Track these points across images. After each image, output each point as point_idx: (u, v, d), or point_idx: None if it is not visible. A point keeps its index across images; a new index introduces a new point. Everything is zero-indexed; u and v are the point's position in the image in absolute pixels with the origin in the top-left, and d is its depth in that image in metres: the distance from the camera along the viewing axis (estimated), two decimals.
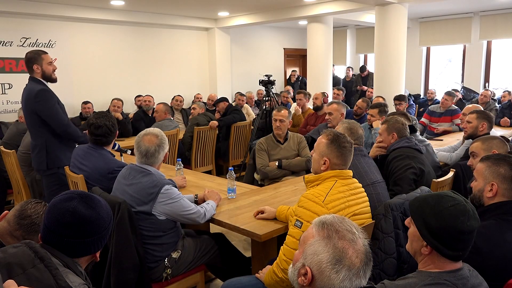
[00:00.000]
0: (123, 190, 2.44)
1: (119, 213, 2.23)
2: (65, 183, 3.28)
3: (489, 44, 9.45)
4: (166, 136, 2.62)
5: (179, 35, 9.41)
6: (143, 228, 2.37)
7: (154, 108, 6.52)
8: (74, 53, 7.78)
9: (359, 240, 1.22)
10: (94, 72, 8.13)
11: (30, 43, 7.22)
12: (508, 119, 6.07)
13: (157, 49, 9.06)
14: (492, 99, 7.13)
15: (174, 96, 7.59)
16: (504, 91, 7.62)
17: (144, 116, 6.40)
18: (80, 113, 6.98)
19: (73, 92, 7.43)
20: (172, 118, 5.63)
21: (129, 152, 3.81)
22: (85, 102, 6.96)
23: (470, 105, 4.84)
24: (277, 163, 3.77)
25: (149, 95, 6.81)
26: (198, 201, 2.75)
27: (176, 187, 2.46)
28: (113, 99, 6.36)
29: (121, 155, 3.72)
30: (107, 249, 2.31)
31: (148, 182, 2.37)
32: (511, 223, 1.82)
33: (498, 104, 7.19)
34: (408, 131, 3.14)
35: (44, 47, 7.32)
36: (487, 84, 9.45)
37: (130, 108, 7.93)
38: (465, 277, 1.42)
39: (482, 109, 4.03)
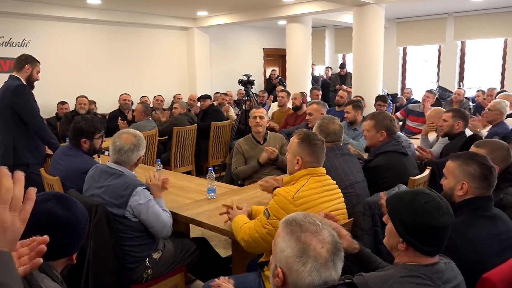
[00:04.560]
0: (93, 193, 2.40)
1: (96, 215, 2.20)
2: (40, 185, 3.22)
3: (463, 44, 9.68)
4: (144, 136, 2.59)
5: (158, 35, 9.32)
6: (119, 230, 2.33)
7: (132, 108, 6.45)
8: (50, 52, 7.61)
9: (324, 230, 1.23)
10: (71, 72, 7.98)
11: (3, 42, 7.04)
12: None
13: (135, 49, 8.95)
14: (465, 98, 7.31)
15: (155, 96, 7.52)
16: (478, 91, 7.82)
17: (121, 115, 6.31)
18: (56, 113, 6.85)
19: (49, 92, 7.27)
20: (150, 119, 5.58)
21: (106, 153, 3.75)
22: (62, 103, 6.82)
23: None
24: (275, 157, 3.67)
25: (127, 94, 6.70)
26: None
27: (149, 190, 2.41)
28: (78, 97, 6.17)
29: (98, 156, 3.66)
30: (84, 252, 2.27)
31: (120, 183, 2.33)
32: (482, 218, 1.89)
33: (472, 103, 7.37)
34: (397, 126, 3.13)
35: (18, 46, 7.15)
36: (461, 84, 9.68)
37: (111, 108, 7.77)
38: (440, 270, 1.46)
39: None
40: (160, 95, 7.52)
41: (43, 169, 3.12)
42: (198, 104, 6.70)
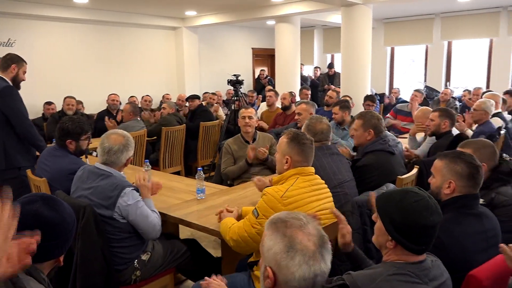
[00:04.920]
0: (81, 195, 2.37)
1: (84, 216, 2.18)
2: (29, 186, 3.18)
3: (449, 44, 9.79)
4: (133, 137, 2.57)
5: (146, 34, 9.26)
6: (107, 232, 2.31)
7: (119, 108, 6.41)
8: (36, 52, 7.51)
9: (309, 225, 1.23)
10: (58, 72, 7.89)
11: None
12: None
13: (123, 49, 8.88)
14: (452, 97, 7.40)
15: (143, 96, 7.47)
16: (464, 90, 7.92)
17: (108, 115, 6.25)
18: (43, 114, 6.76)
19: (35, 93, 7.17)
20: (139, 119, 5.54)
21: (94, 153, 3.72)
22: (48, 103, 6.74)
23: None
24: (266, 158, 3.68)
25: (116, 94, 6.65)
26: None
27: (138, 191, 2.39)
28: (65, 97, 6.09)
29: (86, 157, 3.62)
30: (72, 254, 2.25)
31: (108, 184, 2.31)
32: (468, 216, 1.91)
33: (459, 102, 7.46)
34: (384, 125, 3.17)
35: (3, 46, 7.04)
36: (448, 83, 9.80)
37: (98, 108, 7.69)
38: (427, 268, 1.48)
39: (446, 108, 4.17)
40: (148, 95, 7.48)
41: (29, 171, 3.08)
42: (187, 104, 6.67)
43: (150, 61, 9.40)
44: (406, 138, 4.99)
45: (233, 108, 6.01)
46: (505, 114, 5.26)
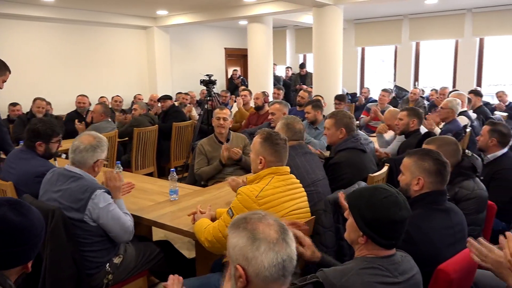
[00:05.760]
0: (49, 198, 2.31)
1: (52, 221, 2.12)
2: None
3: (417, 45, 10.05)
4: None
5: (116, 34, 9.10)
6: (78, 235, 2.25)
7: (89, 110, 6.27)
8: (0, 52, 7.26)
9: (267, 216, 1.26)
10: (24, 72, 7.64)
11: None
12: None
13: (92, 48, 8.70)
14: (421, 97, 7.60)
15: (113, 97, 7.33)
16: (432, 90, 8.15)
17: (78, 117, 6.11)
18: (8, 116, 6.53)
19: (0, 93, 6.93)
20: (110, 120, 5.43)
21: (63, 156, 3.63)
22: (13, 104, 6.50)
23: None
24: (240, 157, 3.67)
25: (84, 96, 6.49)
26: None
27: (109, 193, 2.34)
28: (35, 99, 5.90)
29: (55, 159, 3.53)
30: (40, 259, 2.18)
31: (78, 187, 2.26)
32: (437, 211, 1.98)
33: (427, 101, 7.67)
34: (355, 125, 3.23)
35: None
36: (416, 83, 10.05)
37: (67, 109, 7.50)
38: (396, 262, 1.52)
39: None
40: (118, 96, 7.34)
41: None
42: (159, 104, 6.59)
43: (121, 61, 9.24)
44: (375, 136, 5.08)
45: (206, 108, 5.98)
46: (470, 113, 5.44)
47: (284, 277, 1.19)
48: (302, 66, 10.22)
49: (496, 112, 6.90)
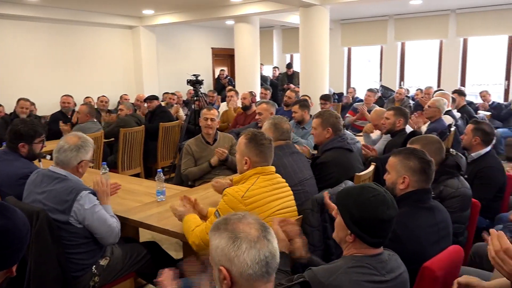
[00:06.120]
0: (34, 199, 2.28)
1: (37, 223, 2.09)
2: None
3: (403, 45, 10.16)
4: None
5: (102, 33, 9.00)
6: (63, 237, 2.22)
7: (74, 110, 6.19)
8: None
9: (247, 216, 1.27)
10: (7, 72, 7.52)
11: None
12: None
13: (78, 48, 8.59)
14: (406, 96, 7.69)
15: (99, 97, 7.25)
16: (417, 90, 8.25)
17: (62, 118, 6.03)
18: None
19: None
20: (95, 120, 5.37)
21: (48, 157, 3.58)
22: None
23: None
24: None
25: (69, 96, 6.41)
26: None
27: (95, 195, 2.32)
28: (19, 100, 5.82)
29: (39, 160, 3.48)
30: (25, 262, 2.15)
31: (63, 188, 2.23)
32: (422, 210, 2.01)
33: (412, 101, 7.76)
34: (342, 124, 3.25)
35: None
36: (402, 83, 10.16)
37: (52, 110, 7.39)
38: (383, 260, 1.54)
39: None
40: (104, 96, 7.27)
41: None
42: (145, 105, 6.55)
43: (106, 60, 9.15)
44: (362, 136, 5.12)
45: (193, 108, 5.96)
46: (455, 112, 5.53)
47: (268, 274, 1.20)
48: (289, 66, 10.25)
49: (479, 112, 7.02)
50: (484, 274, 2.00)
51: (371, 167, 3.12)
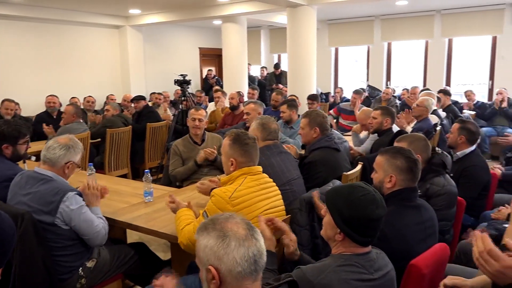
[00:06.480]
0: (18, 201, 2.24)
1: (22, 225, 2.05)
2: None
3: (389, 45, 10.25)
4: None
5: (88, 33, 8.90)
6: (49, 239, 2.19)
7: (59, 110, 6.12)
8: None
9: (234, 216, 1.30)
10: None
11: None
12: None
13: (63, 48, 8.48)
14: (393, 96, 7.77)
15: (85, 97, 7.17)
16: (404, 89, 8.33)
17: (48, 118, 5.95)
18: None
19: None
20: (81, 121, 5.31)
21: (33, 158, 3.53)
22: None
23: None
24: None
25: (54, 96, 6.32)
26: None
27: (81, 196, 2.29)
28: (3, 101, 5.73)
29: (24, 162, 3.42)
30: (10, 265, 2.11)
31: (49, 189, 2.20)
32: (408, 208, 2.03)
33: (399, 100, 7.84)
34: (329, 124, 3.27)
35: None
36: (388, 83, 10.25)
37: (37, 110, 7.29)
38: (372, 259, 1.56)
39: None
40: (91, 96, 7.20)
41: None
42: (132, 105, 6.50)
43: (93, 60, 9.05)
44: (349, 135, 5.16)
45: (181, 108, 5.93)
46: (440, 111, 5.60)
47: (256, 272, 1.21)
48: (277, 66, 10.27)
49: (464, 111, 7.12)
50: (469, 271, 2.02)
51: (358, 167, 3.14)
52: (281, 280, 1.45)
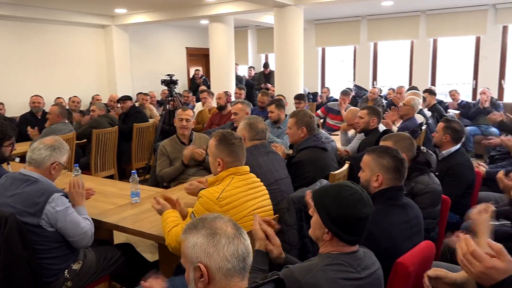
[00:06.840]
0: (3, 203, 2.20)
1: (6, 227, 2.02)
2: None
3: (375, 45, 10.34)
4: None
5: (73, 32, 8.79)
6: (34, 241, 2.16)
7: (44, 110, 6.04)
8: None
9: (222, 215, 1.31)
10: None
11: None
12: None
13: (48, 47, 8.37)
14: (379, 95, 7.84)
15: (70, 97, 7.08)
16: (389, 89, 8.41)
17: (32, 119, 5.87)
18: None
19: None
20: (67, 121, 5.25)
21: (17, 159, 3.48)
22: None
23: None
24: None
25: (39, 96, 6.23)
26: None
27: (67, 197, 2.27)
28: None
29: (8, 163, 3.37)
30: None
31: (34, 190, 2.17)
32: (395, 207, 2.05)
33: (385, 100, 7.92)
34: (316, 124, 3.28)
35: None
36: (375, 82, 10.34)
37: (21, 111, 7.18)
38: (359, 258, 1.57)
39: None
40: (76, 96, 7.12)
41: None
42: (119, 105, 6.44)
43: (78, 60, 8.95)
44: (337, 135, 5.19)
45: (168, 108, 5.90)
46: (425, 111, 5.66)
47: (244, 271, 1.23)
48: (266, 65, 10.28)
49: (449, 110, 7.23)
50: (455, 268, 2.05)
51: (345, 166, 3.16)
52: (268, 278, 1.45)
